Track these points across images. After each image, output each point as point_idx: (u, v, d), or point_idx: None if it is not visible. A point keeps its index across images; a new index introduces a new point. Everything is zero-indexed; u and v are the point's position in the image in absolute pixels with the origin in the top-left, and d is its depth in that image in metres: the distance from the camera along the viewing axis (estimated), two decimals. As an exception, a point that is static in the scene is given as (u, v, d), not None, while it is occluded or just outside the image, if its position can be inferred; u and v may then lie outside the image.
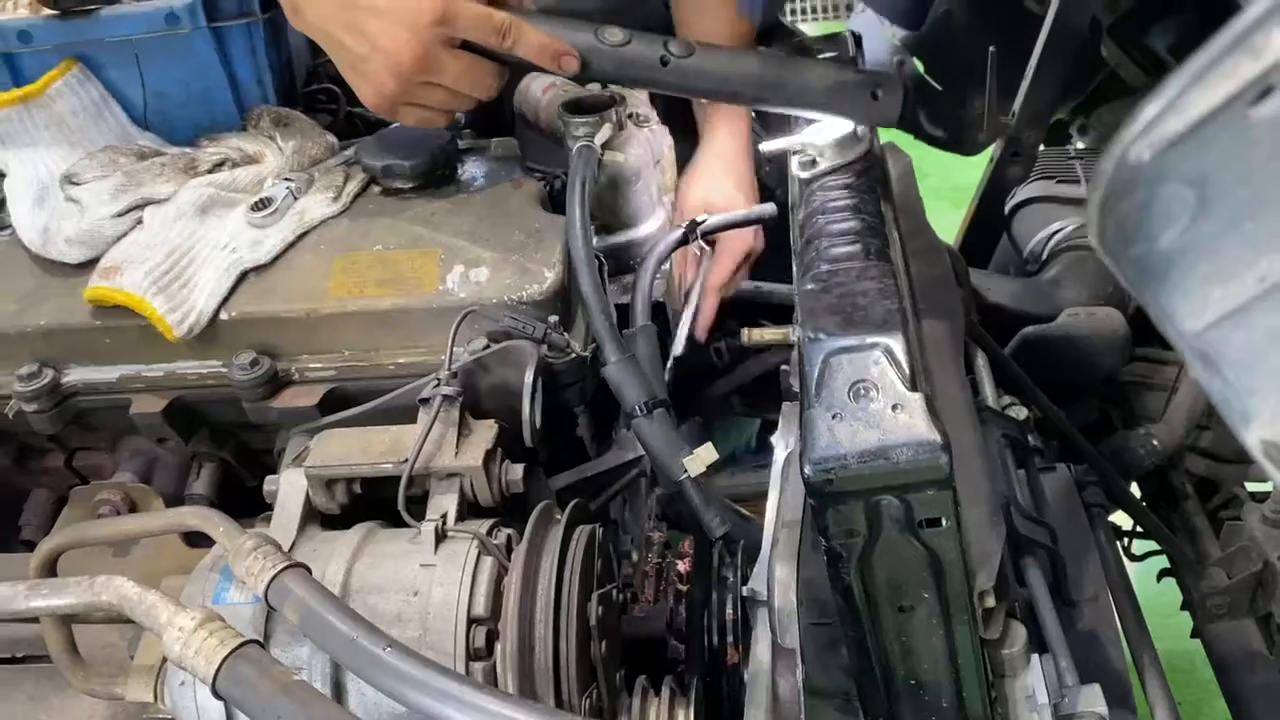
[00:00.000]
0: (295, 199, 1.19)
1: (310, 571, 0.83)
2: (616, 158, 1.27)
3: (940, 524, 0.68)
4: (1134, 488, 1.68)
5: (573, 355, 1.08)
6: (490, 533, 0.94)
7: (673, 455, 1.00)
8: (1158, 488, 1.69)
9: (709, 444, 1.00)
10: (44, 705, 0.97)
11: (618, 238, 1.34)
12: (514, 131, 1.39)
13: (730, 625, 1.12)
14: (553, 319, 1.08)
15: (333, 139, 1.32)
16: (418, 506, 0.96)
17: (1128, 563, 1.53)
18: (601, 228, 1.31)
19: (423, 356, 1.09)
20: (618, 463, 1.19)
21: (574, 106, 1.27)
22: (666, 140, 1.37)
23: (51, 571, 0.93)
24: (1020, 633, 0.84)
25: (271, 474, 1.03)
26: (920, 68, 1.94)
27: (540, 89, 1.36)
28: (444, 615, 0.88)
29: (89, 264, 1.14)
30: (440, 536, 0.93)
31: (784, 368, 1.21)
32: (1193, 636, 1.53)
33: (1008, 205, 1.92)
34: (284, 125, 1.29)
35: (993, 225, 1.94)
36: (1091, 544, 1.27)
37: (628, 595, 1.13)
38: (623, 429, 1.21)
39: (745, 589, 0.96)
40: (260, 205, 1.16)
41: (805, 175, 0.98)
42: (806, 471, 0.66)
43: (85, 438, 1.21)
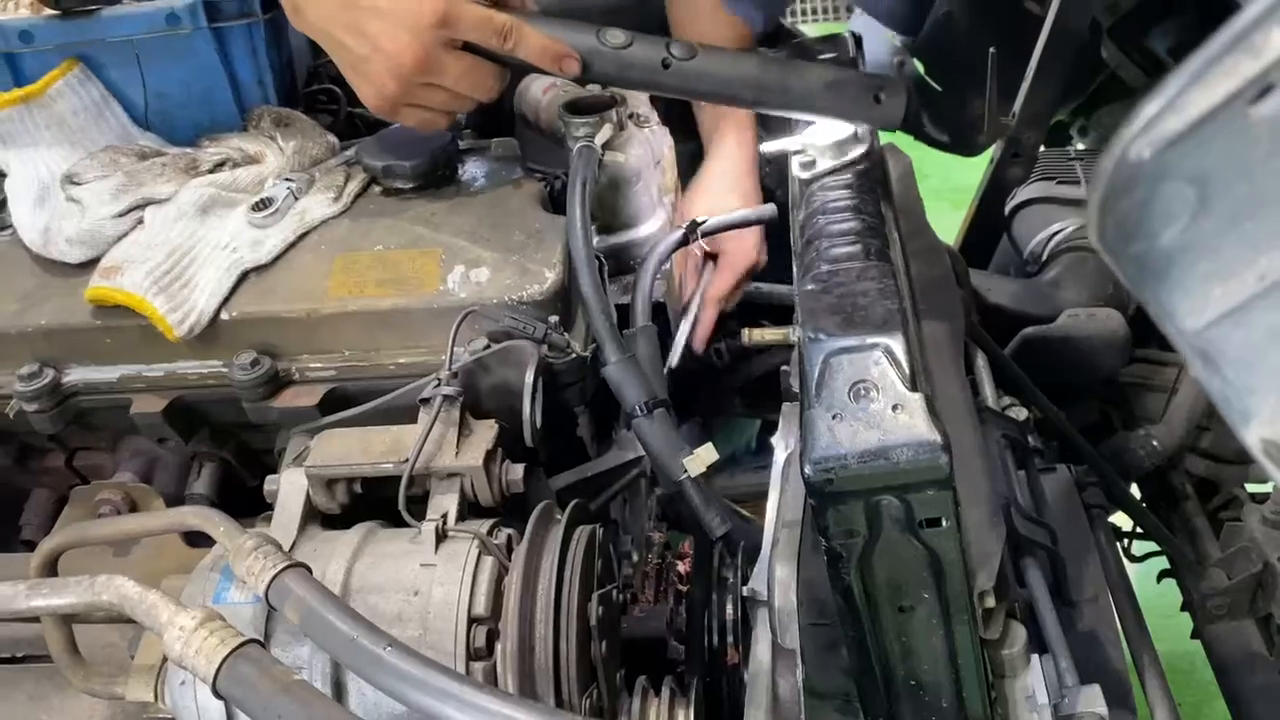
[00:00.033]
0: (296, 199, 1.19)
1: (311, 571, 0.83)
2: (617, 158, 1.27)
3: (940, 524, 0.68)
4: (1134, 488, 1.68)
5: (573, 355, 1.08)
6: (491, 533, 0.94)
7: (673, 455, 1.00)
8: (1158, 488, 1.69)
9: (709, 444, 1.00)
10: (44, 705, 0.97)
11: (618, 238, 1.34)
12: (514, 132, 1.39)
13: (730, 625, 1.12)
14: (553, 319, 1.08)
15: (333, 139, 1.32)
16: (418, 506, 0.96)
17: (1128, 563, 1.53)
18: (602, 228, 1.31)
19: (423, 356, 1.09)
20: (618, 463, 1.19)
21: (574, 107, 1.27)
22: (667, 140, 1.37)
23: (52, 571, 0.93)
24: (1020, 633, 0.84)
25: (272, 474, 1.03)
26: (920, 69, 1.94)
27: (540, 89, 1.36)
28: (444, 615, 0.88)
29: (90, 264, 1.14)
30: (441, 536, 0.93)
31: (784, 368, 1.21)
32: (1193, 637, 1.53)
33: (1008, 206, 1.92)
34: (285, 125, 1.29)
35: (993, 226, 1.94)
36: (1091, 545, 1.27)
37: (628, 595, 1.13)
38: (623, 429, 1.21)
39: (745, 589, 0.96)
40: (261, 205, 1.16)
41: (805, 176, 0.98)
42: (807, 471, 0.66)
43: (86, 438, 1.21)
